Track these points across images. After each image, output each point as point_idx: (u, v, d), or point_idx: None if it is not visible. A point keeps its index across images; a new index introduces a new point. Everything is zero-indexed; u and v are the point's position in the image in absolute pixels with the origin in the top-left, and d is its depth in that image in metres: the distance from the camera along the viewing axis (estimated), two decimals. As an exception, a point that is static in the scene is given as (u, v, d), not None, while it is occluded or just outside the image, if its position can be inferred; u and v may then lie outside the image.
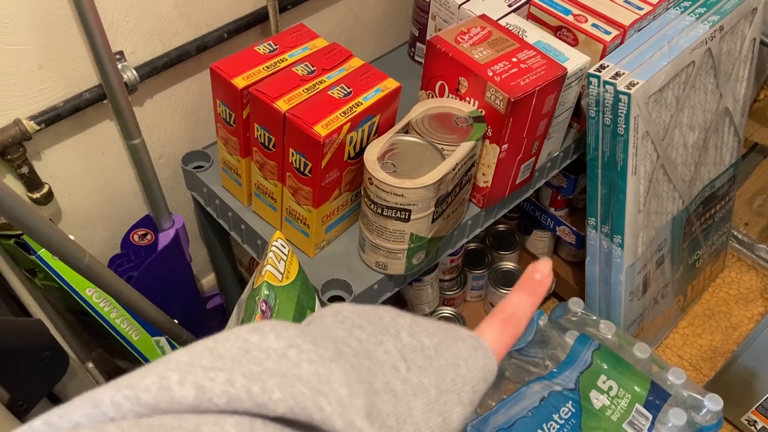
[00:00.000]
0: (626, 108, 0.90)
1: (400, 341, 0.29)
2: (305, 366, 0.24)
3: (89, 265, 0.67)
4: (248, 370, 0.23)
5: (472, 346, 0.31)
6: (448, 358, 0.30)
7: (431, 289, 1.21)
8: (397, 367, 0.28)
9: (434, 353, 0.30)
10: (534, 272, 0.36)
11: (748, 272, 1.51)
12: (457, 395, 0.29)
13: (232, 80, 0.76)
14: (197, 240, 1.19)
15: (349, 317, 0.29)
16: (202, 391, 0.22)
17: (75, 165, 0.92)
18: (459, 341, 0.31)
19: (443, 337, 0.31)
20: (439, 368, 0.29)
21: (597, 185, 1.04)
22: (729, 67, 1.09)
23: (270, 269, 0.64)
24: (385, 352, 0.28)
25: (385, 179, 0.74)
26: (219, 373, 0.23)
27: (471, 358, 0.31)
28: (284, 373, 0.24)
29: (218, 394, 0.22)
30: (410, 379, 0.28)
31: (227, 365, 0.23)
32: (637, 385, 1.02)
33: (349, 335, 0.28)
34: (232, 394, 0.22)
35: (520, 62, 0.84)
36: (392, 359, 0.28)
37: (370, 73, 0.79)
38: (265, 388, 0.23)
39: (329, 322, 0.29)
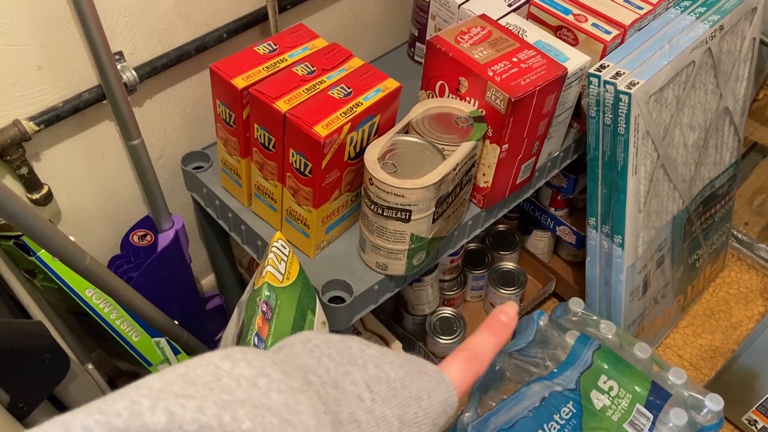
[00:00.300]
0: (627, 108, 0.90)
1: (366, 372, 0.30)
2: (275, 396, 0.25)
3: (90, 266, 0.67)
4: (219, 399, 0.24)
5: (436, 380, 0.32)
6: (412, 390, 0.31)
7: (431, 290, 1.21)
8: (362, 398, 0.29)
9: (399, 385, 0.30)
10: (500, 314, 0.37)
11: (748, 272, 1.51)
12: (418, 427, 0.30)
13: (232, 80, 0.76)
14: (197, 241, 1.19)
15: (319, 346, 0.30)
16: (173, 417, 0.22)
17: (74, 166, 0.92)
18: (423, 375, 0.32)
19: (408, 369, 0.32)
20: (403, 400, 0.30)
21: (597, 185, 1.04)
22: (729, 66, 1.09)
23: (271, 270, 0.63)
24: (351, 382, 0.29)
25: (385, 179, 0.74)
26: (190, 401, 0.23)
27: (434, 392, 0.32)
28: (254, 402, 0.24)
29: (189, 422, 0.22)
30: (374, 410, 0.29)
31: (199, 392, 0.24)
32: (637, 385, 1.02)
33: (317, 364, 0.29)
34: (203, 421, 0.22)
35: (521, 62, 0.84)
36: (358, 390, 0.29)
37: (370, 73, 0.79)
38: (236, 417, 0.23)
39: (299, 349, 0.30)
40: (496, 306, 0.38)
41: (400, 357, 0.32)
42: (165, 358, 0.98)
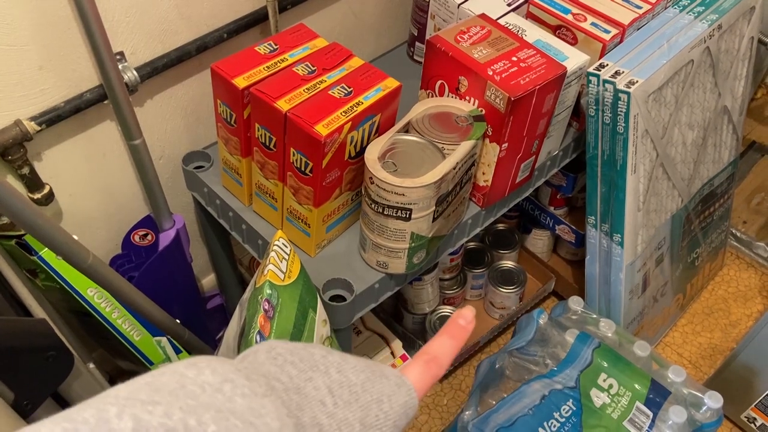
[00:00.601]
0: (626, 106, 0.91)
1: (328, 377, 0.31)
2: (239, 400, 0.26)
3: (93, 265, 0.67)
4: (185, 404, 0.24)
5: (396, 383, 0.33)
6: (374, 394, 0.32)
7: (431, 288, 1.21)
8: (324, 402, 0.30)
9: (360, 389, 0.32)
10: (459, 318, 0.39)
11: (746, 270, 1.51)
12: (379, 429, 0.31)
13: (233, 80, 0.76)
14: (198, 240, 1.19)
15: (282, 354, 0.31)
16: (140, 423, 0.23)
17: (76, 166, 0.92)
18: (384, 379, 0.33)
19: (370, 374, 0.33)
20: (364, 404, 0.31)
21: (596, 184, 1.04)
22: (727, 65, 1.10)
23: (272, 268, 0.64)
24: (314, 387, 0.30)
25: (385, 178, 0.74)
26: (157, 406, 0.24)
27: (394, 395, 0.33)
28: (219, 407, 0.25)
29: (156, 426, 0.23)
30: (336, 414, 0.30)
31: (165, 399, 0.24)
32: (637, 383, 1.03)
33: (281, 371, 0.30)
34: (169, 426, 0.23)
35: (520, 61, 0.84)
36: (320, 394, 0.30)
37: (371, 73, 0.80)
38: (201, 421, 0.24)
39: (263, 357, 0.31)
40: (496, 304, 0.39)
41: (361, 362, 0.33)
42: (166, 357, 0.98)
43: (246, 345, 0.59)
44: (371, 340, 1.17)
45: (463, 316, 0.39)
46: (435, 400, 1.29)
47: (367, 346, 1.17)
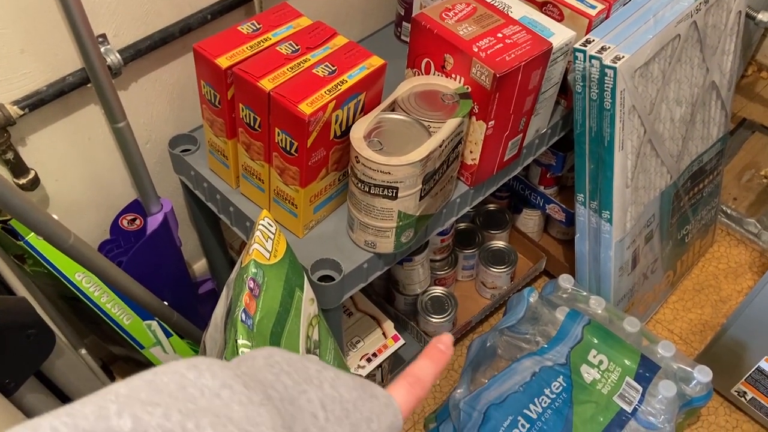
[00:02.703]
0: (612, 82, 0.91)
1: (322, 391, 0.32)
2: (236, 407, 0.26)
3: (74, 245, 0.67)
4: (184, 407, 0.25)
5: (385, 404, 0.35)
6: (364, 412, 0.33)
7: (422, 269, 1.21)
8: (316, 416, 0.31)
9: (352, 407, 0.33)
10: (438, 343, 0.41)
11: (737, 246, 1.52)
12: None
13: (216, 60, 0.75)
14: (188, 225, 1.19)
15: (279, 363, 0.32)
16: (139, 422, 0.23)
17: (61, 150, 0.92)
18: (374, 398, 0.34)
19: (361, 392, 0.34)
20: (355, 421, 0.32)
21: (585, 161, 1.04)
22: (715, 40, 1.09)
23: (257, 248, 0.64)
24: (307, 400, 0.31)
25: (371, 157, 0.74)
26: (156, 408, 0.24)
27: (383, 415, 0.34)
28: (217, 412, 0.25)
29: (154, 427, 0.23)
30: (327, 428, 0.31)
31: (164, 400, 0.25)
32: (627, 359, 1.03)
33: (276, 380, 0.31)
34: (167, 427, 0.23)
35: (506, 38, 0.84)
36: (313, 407, 0.31)
37: (355, 51, 0.79)
38: (199, 425, 0.24)
39: (261, 363, 0.32)
40: (488, 284, 0.40)
41: (354, 380, 0.34)
42: (157, 340, 0.99)
43: (232, 324, 0.59)
44: (363, 321, 1.17)
45: (443, 342, 0.41)
46: (428, 380, 1.30)
47: (358, 327, 1.17)
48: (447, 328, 1.26)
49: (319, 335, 0.72)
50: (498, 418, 0.98)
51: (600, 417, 0.99)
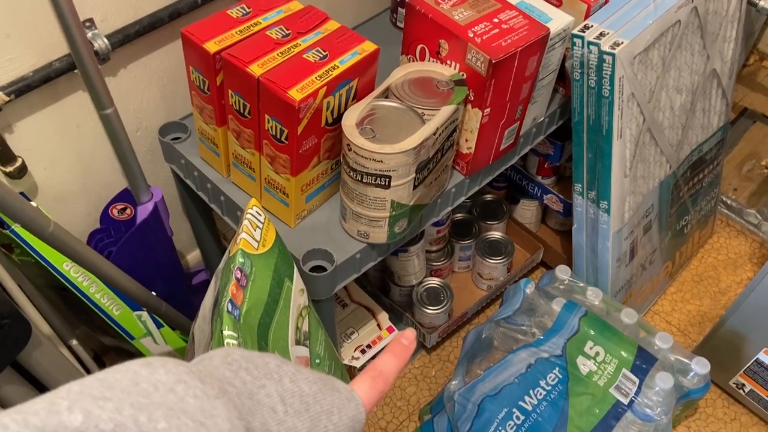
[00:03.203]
0: (611, 69, 0.89)
1: (281, 386, 0.32)
2: (191, 401, 0.26)
3: (54, 233, 0.66)
4: (136, 401, 0.25)
5: (346, 397, 0.35)
6: (324, 405, 0.33)
7: (417, 260, 1.20)
8: (275, 410, 0.31)
9: (312, 400, 0.33)
10: (402, 338, 0.41)
11: (736, 237, 1.50)
12: None
13: (204, 45, 0.74)
14: (180, 215, 1.18)
15: (237, 360, 0.32)
16: (89, 417, 0.23)
17: (49, 138, 0.90)
18: (335, 392, 0.34)
19: (322, 386, 0.34)
20: (315, 414, 0.32)
21: (583, 150, 1.02)
22: (716, 27, 1.07)
23: (245, 237, 0.62)
24: (266, 394, 0.31)
25: (363, 145, 0.72)
26: (107, 402, 0.24)
27: (344, 408, 0.34)
28: (171, 405, 0.25)
29: (105, 420, 0.23)
30: (286, 422, 0.31)
31: (116, 395, 0.25)
32: (624, 351, 1.02)
33: (234, 376, 0.31)
34: (119, 421, 0.23)
35: (502, 23, 0.82)
36: (272, 402, 0.31)
37: (347, 36, 0.77)
38: (152, 418, 0.24)
39: (218, 362, 0.31)
40: (484, 275, 0.39)
41: (315, 374, 0.34)
42: (148, 331, 0.97)
43: (218, 315, 0.57)
44: (357, 313, 1.16)
45: (406, 336, 0.42)
46: (423, 372, 1.29)
47: (353, 318, 1.16)
48: (442, 320, 1.24)
49: (309, 326, 0.70)
50: (492, 410, 0.97)
51: (596, 409, 0.98)
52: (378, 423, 1.22)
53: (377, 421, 1.22)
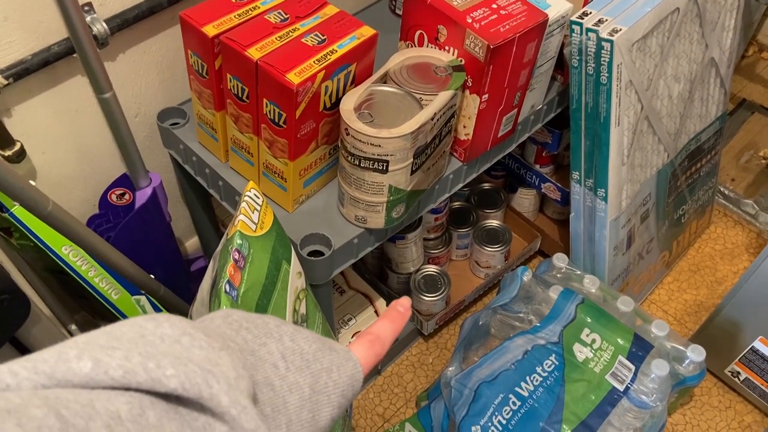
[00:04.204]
0: (609, 56, 0.89)
1: (282, 344, 0.33)
2: (196, 351, 0.27)
3: (53, 212, 0.66)
4: (144, 350, 0.25)
5: (344, 357, 0.35)
6: (324, 363, 0.34)
7: (415, 248, 1.20)
8: (276, 366, 0.32)
9: (312, 358, 0.33)
10: (397, 305, 0.43)
11: (734, 228, 1.51)
12: (327, 396, 0.33)
13: (203, 28, 0.74)
14: (179, 202, 1.18)
15: (238, 320, 0.33)
16: (99, 364, 0.24)
17: (48, 122, 0.90)
18: (334, 352, 0.35)
19: (321, 345, 0.35)
20: (315, 371, 0.33)
21: (580, 137, 1.03)
22: (715, 15, 1.07)
23: (243, 219, 0.62)
24: (267, 352, 0.32)
25: (361, 129, 0.72)
26: (116, 351, 0.24)
27: (343, 367, 0.35)
28: (177, 355, 0.26)
29: (114, 367, 0.24)
30: (288, 377, 0.32)
31: (124, 345, 0.25)
32: (620, 338, 1.03)
33: (236, 334, 0.32)
34: (128, 367, 0.24)
35: (500, 9, 0.82)
36: (273, 359, 0.32)
37: (346, 21, 0.77)
38: (160, 365, 0.25)
39: (219, 322, 0.32)
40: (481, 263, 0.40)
41: (313, 335, 0.35)
42: (146, 316, 0.98)
43: (216, 296, 0.58)
44: (355, 299, 1.17)
45: (401, 304, 0.43)
46: (420, 359, 1.30)
47: (350, 305, 1.16)
48: (440, 307, 1.25)
49: (307, 309, 0.71)
50: (489, 395, 0.97)
51: (592, 395, 0.98)
52: (375, 409, 1.23)
53: (374, 407, 1.23)
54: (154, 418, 0.24)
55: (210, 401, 0.25)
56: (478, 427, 0.95)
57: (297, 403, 0.31)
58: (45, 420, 0.21)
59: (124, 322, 0.27)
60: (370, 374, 1.25)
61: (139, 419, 0.24)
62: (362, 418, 1.22)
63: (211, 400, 0.25)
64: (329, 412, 0.33)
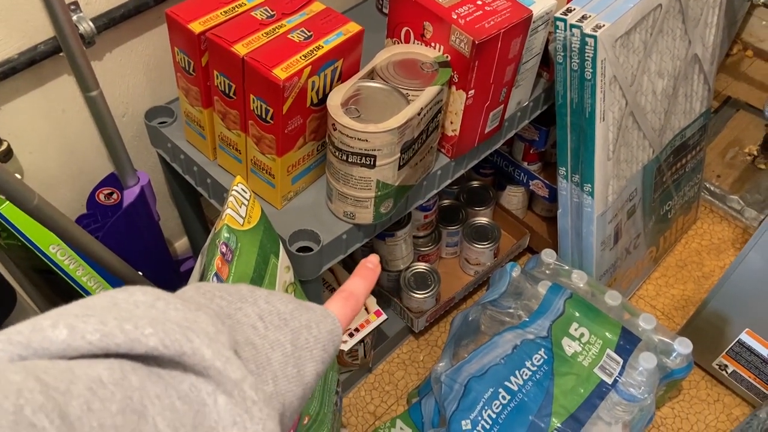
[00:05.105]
0: (593, 51, 0.90)
1: (257, 306, 0.33)
2: (172, 313, 0.27)
3: (39, 206, 0.66)
4: (119, 315, 0.25)
5: (322, 314, 0.36)
6: (302, 321, 0.34)
7: (405, 245, 1.21)
8: (255, 326, 0.32)
9: (289, 316, 0.33)
10: (367, 263, 0.44)
11: (720, 223, 1.52)
12: (310, 352, 0.33)
13: (189, 25, 0.74)
14: (168, 202, 1.18)
15: (210, 290, 0.33)
16: (74, 330, 0.23)
17: (35, 122, 0.90)
18: (310, 310, 0.35)
19: (297, 305, 0.35)
20: (294, 328, 0.33)
21: (566, 133, 1.04)
22: (697, 11, 1.09)
23: (230, 213, 0.63)
24: (244, 315, 0.32)
25: (348, 124, 0.73)
26: (91, 318, 0.24)
27: (321, 323, 0.35)
28: (154, 317, 0.26)
29: (91, 331, 0.23)
30: (268, 336, 0.32)
31: (98, 312, 0.25)
32: (608, 332, 1.04)
33: (210, 302, 0.32)
34: (105, 331, 0.24)
35: (485, 5, 0.83)
36: (251, 320, 0.32)
37: (332, 17, 0.78)
38: (137, 325, 0.24)
39: (191, 293, 0.32)
40: (471, 260, 0.41)
41: (288, 296, 0.35)
42: (136, 315, 0.97)
43: (204, 288, 0.58)
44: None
45: (370, 261, 0.44)
46: (411, 357, 1.30)
47: (341, 303, 1.16)
48: (430, 304, 1.25)
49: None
50: (479, 390, 0.98)
51: (580, 388, 0.99)
52: (366, 407, 1.23)
53: (366, 405, 1.23)
54: (136, 382, 0.24)
55: (192, 356, 0.25)
56: (468, 422, 0.96)
57: (281, 359, 0.31)
58: (25, 383, 0.20)
59: (97, 294, 0.27)
60: (362, 372, 1.26)
61: (121, 382, 0.23)
62: (354, 416, 1.22)
63: (194, 355, 0.25)
64: (313, 367, 0.33)
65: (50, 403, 0.21)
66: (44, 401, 0.20)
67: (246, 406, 0.26)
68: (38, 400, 0.20)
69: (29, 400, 0.20)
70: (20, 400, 0.20)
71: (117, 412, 0.22)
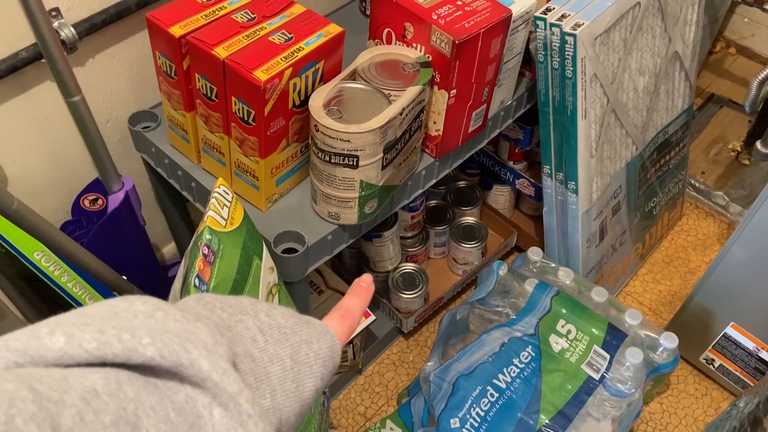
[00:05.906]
0: (573, 49, 0.91)
1: (258, 320, 0.33)
2: (171, 324, 0.26)
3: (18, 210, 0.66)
4: (118, 324, 0.25)
5: (321, 330, 0.36)
6: (302, 336, 0.34)
7: (392, 246, 1.21)
8: (255, 339, 0.32)
9: (290, 331, 0.33)
10: (361, 282, 0.44)
11: (705, 219, 1.54)
12: (309, 367, 0.33)
13: (169, 29, 0.74)
14: (154, 208, 1.18)
15: (211, 302, 0.32)
16: (71, 338, 0.23)
17: (17, 129, 0.90)
18: (310, 325, 0.35)
19: (297, 320, 0.35)
20: (294, 343, 0.33)
21: (549, 131, 1.04)
22: (676, 9, 1.10)
23: (212, 215, 0.63)
24: (245, 327, 0.32)
25: (330, 125, 0.73)
26: (89, 326, 0.24)
27: (321, 339, 0.35)
28: (152, 327, 0.25)
29: (88, 340, 0.23)
30: (267, 349, 0.32)
31: (97, 321, 0.25)
32: (595, 328, 1.04)
33: (211, 313, 0.31)
34: (102, 339, 0.23)
35: (465, 5, 0.84)
36: (251, 333, 0.32)
37: (312, 19, 0.78)
38: (135, 335, 0.24)
39: (192, 303, 0.32)
40: (459, 260, 0.41)
41: (288, 310, 0.35)
42: (123, 321, 0.97)
43: (186, 291, 0.58)
44: (333, 299, 1.17)
45: (363, 280, 0.44)
46: (401, 357, 1.30)
47: (329, 304, 1.17)
48: (419, 304, 1.26)
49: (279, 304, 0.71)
50: (467, 388, 0.98)
51: (568, 385, 0.99)
52: (357, 409, 1.23)
53: (356, 407, 1.23)
54: (131, 392, 0.24)
55: (189, 368, 0.25)
56: (457, 420, 0.96)
57: (279, 374, 0.31)
58: (17, 392, 0.20)
59: (96, 303, 0.27)
60: (351, 373, 1.26)
61: (116, 393, 0.23)
62: (344, 417, 1.22)
63: (191, 366, 0.25)
64: (312, 383, 0.33)
65: (42, 413, 0.21)
66: (36, 411, 0.20)
67: (242, 419, 0.26)
68: (30, 410, 0.20)
69: (21, 410, 0.20)
70: (12, 409, 0.20)
71: (110, 423, 0.22)
